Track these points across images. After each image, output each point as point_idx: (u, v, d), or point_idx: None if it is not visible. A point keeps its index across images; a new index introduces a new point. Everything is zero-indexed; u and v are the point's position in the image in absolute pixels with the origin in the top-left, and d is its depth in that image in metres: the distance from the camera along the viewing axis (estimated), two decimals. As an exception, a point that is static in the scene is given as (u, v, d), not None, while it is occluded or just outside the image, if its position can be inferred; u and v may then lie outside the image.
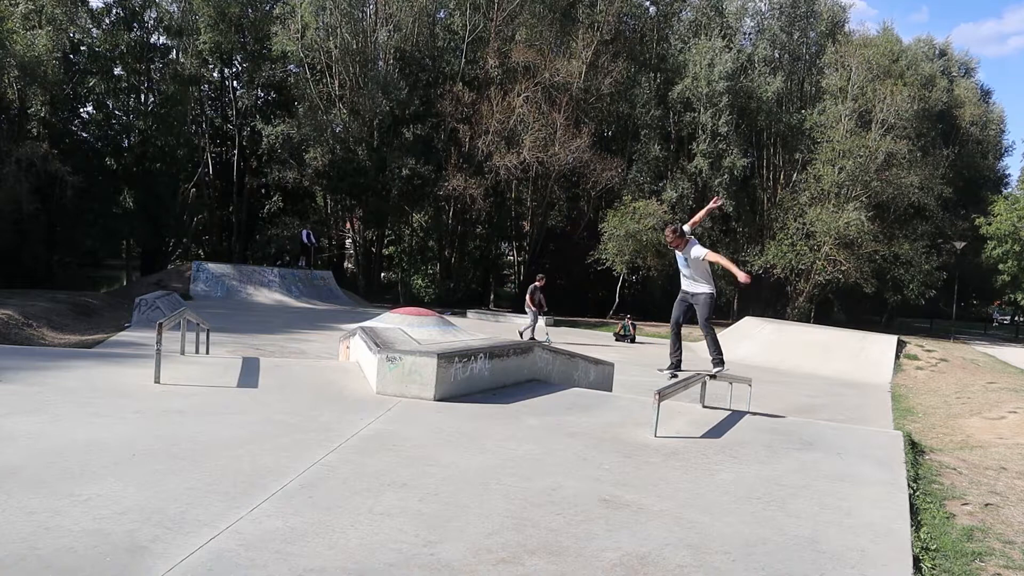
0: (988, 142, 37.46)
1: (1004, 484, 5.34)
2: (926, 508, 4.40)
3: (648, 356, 16.53)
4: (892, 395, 13.55)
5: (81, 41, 28.10)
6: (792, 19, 31.99)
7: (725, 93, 28.25)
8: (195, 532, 3.05)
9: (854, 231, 26.57)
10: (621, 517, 3.63)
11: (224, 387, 6.24)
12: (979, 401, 11.83)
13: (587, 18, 29.34)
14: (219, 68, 32.41)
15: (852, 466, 5.10)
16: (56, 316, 14.20)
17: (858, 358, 16.44)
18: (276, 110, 30.43)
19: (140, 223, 28.91)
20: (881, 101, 27.38)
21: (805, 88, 32.28)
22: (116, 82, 29.34)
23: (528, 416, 5.78)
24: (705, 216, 8.02)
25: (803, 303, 29.11)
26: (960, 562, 3.57)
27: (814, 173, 28.42)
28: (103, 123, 29.78)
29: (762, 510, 3.96)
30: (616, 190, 28.55)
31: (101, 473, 3.71)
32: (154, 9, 29.71)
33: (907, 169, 27.64)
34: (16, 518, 3.08)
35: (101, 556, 2.79)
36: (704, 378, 6.98)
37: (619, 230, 26.07)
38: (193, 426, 4.81)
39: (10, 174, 21.81)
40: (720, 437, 5.71)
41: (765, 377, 12.04)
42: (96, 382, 6.08)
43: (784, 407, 9.99)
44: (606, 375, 9.18)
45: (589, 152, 27.47)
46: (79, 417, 4.83)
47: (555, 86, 27.56)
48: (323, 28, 27.68)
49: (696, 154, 29.12)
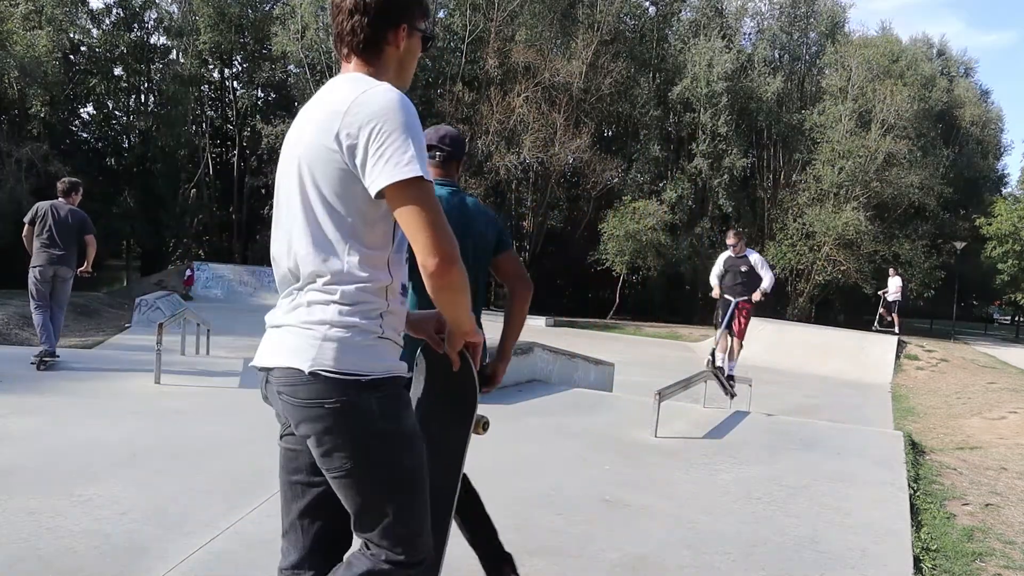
0: (988, 142, 37.45)
1: (1004, 484, 5.33)
2: (926, 508, 4.40)
3: (648, 356, 16.54)
4: (892, 395, 13.54)
5: (81, 41, 28.08)
6: (792, 19, 31.98)
7: (725, 93, 28.24)
8: (195, 532, 3.05)
9: (852, 231, 26.57)
10: (621, 517, 3.63)
11: (224, 387, 6.24)
12: (979, 401, 11.82)
13: (587, 18, 29.34)
14: (219, 68, 32.40)
15: (852, 466, 5.10)
16: (56, 316, 14.17)
17: (858, 358, 16.43)
18: (276, 110, 30.42)
19: (140, 223, 28.88)
20: (881, 101, 27.37)
21: (805, 88, 32.27)
22: (116, 82, 29.33)
23: (529, 416, 5.78)
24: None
25: (803, 303, 29.10)
26: (960, 562, 3.57)
27: (814, 173, 28.41)
28: (103, 123, 29.76)
29: (762, 510, 3.96)
30: (616, 190, 28.54)
31: (101, 473, 3.71)
32: (154, 9, 29.70)
33: (907, 169, 27.62)
34: (17, 518, 3.08)
35: (101, 556, 2.79)
36: (704, 378, 6.99)
37: (619, 230, 26.08)
38: (193, 426, 4.81)
39: (10, 174, 21.81)
40: (720, 437, 5.72)
41: (765, 377, 12.03)
42: (96, 383, 6.08)
43: (784, 407, 9.99)
44: (606, 375, 9.19)
45: (589, 152, 27.47)
46: (79, 417, 4.84)
47: (555, 86, 27.56)
48: (323, 28, 27.66)
49: (696, 154, 29.11)
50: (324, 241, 1.45)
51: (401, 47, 1.58)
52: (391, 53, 1.57)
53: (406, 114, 1.40)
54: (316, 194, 1.45)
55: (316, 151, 1.44)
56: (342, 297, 1.44)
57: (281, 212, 1.55)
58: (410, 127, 1.40)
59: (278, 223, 1.56)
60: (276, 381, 1.48)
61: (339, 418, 1.42)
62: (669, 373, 9.77)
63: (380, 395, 1.45)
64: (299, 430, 1.47)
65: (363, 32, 1.53)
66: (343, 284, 1.44)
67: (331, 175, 1.43)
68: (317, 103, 1.52)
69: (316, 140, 1.44)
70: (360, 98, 1.41)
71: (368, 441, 1.44)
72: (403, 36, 1.57)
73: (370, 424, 1.44)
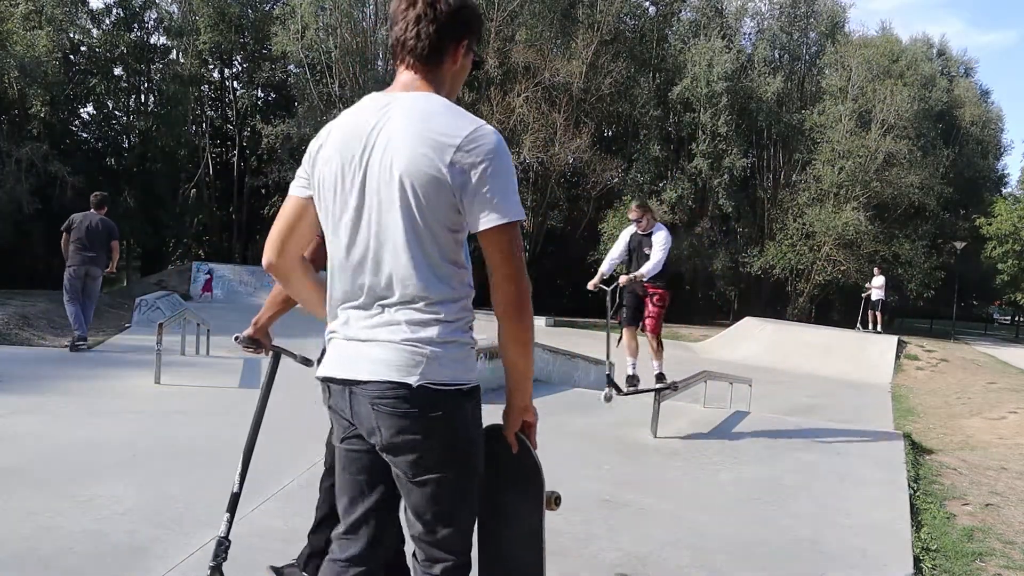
0: (988, 142, 37.44)
1: (1004, 484, 5.33)
2: (926, 508, 4.40)
3: (648, 356, 16.52)
4: (892, 395, 13.54)
5: (81, 41, 28.06)
6: (792, 19, 31.97)
7: (725, 93, 28.23)
8: (195, 532, 3.05)
9: (852, 231, 26.57)
10: (621, 517, 3.63)
11: (224, 387, 6.24)
12: (979, 401, 11.83)
13: (587, 18, 29.33)
14: (219, 68, 32.39)
15: (852, 466, 5.10)
16: (56, 316, 14.18)
17: (858, 358, 16.43)
18: (276, 110, 30.41)
19: (140, 223, 28.86)
20: (881, 101, 27.37)
21: (805, 88, 32.26)
22: (116, 82, 29.30)
23: (528, 416, 5.78)
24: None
25: (803, 303, 29.10)
26: (961, 562, 3.57)
27: (814, 173, 28.40)
28: (103, 123, 29.74)
29: (762, 510, 3.96)
30: (616, 190, 28.52)
31: (102, 473, 3.71)
32: (154, 9, 29.69)
33: (907, 169, 27.61)
34: (17, 518, 3.08)
35: (101, 556, 2.79)
36: (704, 378, 6.98)
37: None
38: (193, 426, 4.81)
39: (10, 174, 21.80)
40: (720, 437, 5.72)
41: (765, 377, 12.03)
42: (96, 383, 6.08)
43: (784, 407, 9.99)
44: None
45: (589, 152, 27.46)
46: (79, 417, 4.84)
47: (555, 86, 27.55)
48: (323, 28, 27.67)
49: (696, 154, 29.10)
50: (427, 262, 1.51)
51: (458, 63, 1.63)
52: (448, 67, 1.62)
53: (509, 158, 1.54)
54: (422, 216, 1.49)
55: (425, 175, 1.47)
56: (445, 315, 1.52)
57: (363, 221, 1.54)
58: (512, 172, 1.53)
59: (353, 229, 1.56)
60: (369, 393, 1.53)
61: (441, 426, 1.52)
62: (669, 373, 9.76)
63: (473, 402, 1.58)
64: (394, 438, 1.53)
65: (428, 39, 1.56)
66: (445, 304, 1.53)
67: (440, 201, 1.49)
68: (407, 118, 1.52)
69: (422, 163, 1.47)
70: (473, 135, 1.50)
71: (463, 446, 1.57)
72: (462, 52, 1.63)
73: (466, 430, 1.57)
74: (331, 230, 1.60)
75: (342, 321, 1.60)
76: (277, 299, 2.41)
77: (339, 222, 1.57)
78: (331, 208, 1.58)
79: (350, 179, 1.55)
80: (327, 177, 1.58)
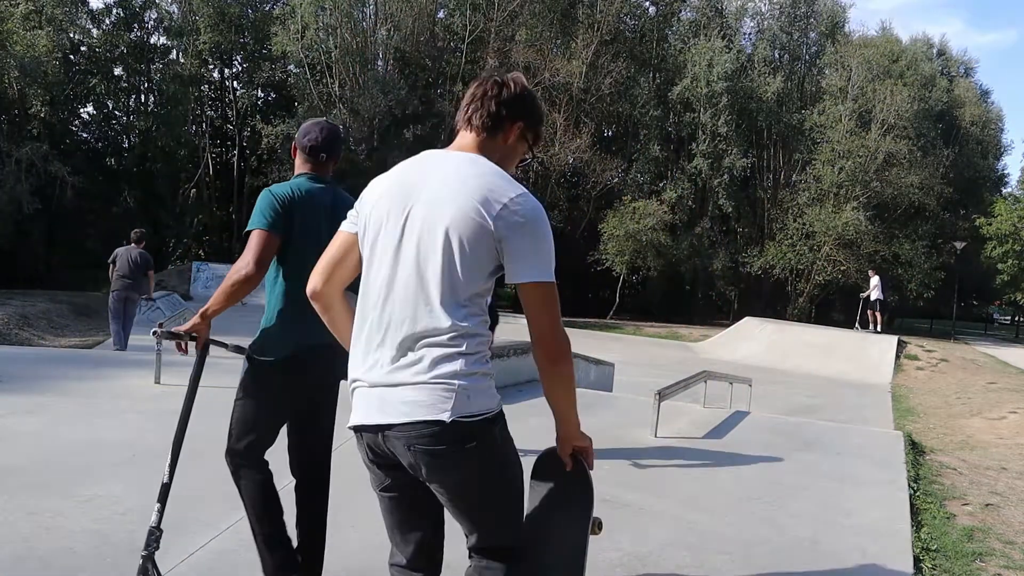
0: (988, 142, 37.43)
1: (1004, 484, 5.34)
2: (926, 508, 4.40)
3: (648, 356, 16.55)
4: (892, 395, 13.55)
5: (81, 41, 28.07)
6: (792, 19, 31.97)
7: (725, 93, 28.23)
8: (195, 532, 3.06)
9: (852, 231, 26.57)
10: (621, 517, 3.63)
11: (225, 387, 6.23)
12: (979, 401, 11.83)
13: (587, 18, 29.33)
14: (219, 68, 32.38)
15: (852, 466, 5.10)
16: (56, 316, 14.23)
17: (858, 358, 16.43)
18: (276, 110, 30.40)
19: (140, 223, 28.83)
20: (881, 101, 27.37)
21: (805, 88, 32.26)
22: (116, 82, 29.31)
23: (529, 416, 5.77)
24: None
25: (803, 303, 29.10)
26: (960, 562, 3.57)
27: (814, 173, 28.40)
28: (103, 123, 29.74)
29: (762, 510, 3.96)
30: (616, 190, 28.51)
31: (101, 474, 3.71)
32: (154, 9, 29.69)
33: (907, 169, 27.60)
34: (17, 518, 3.08)
35: (101, 556, 2.79)
36: (704, 378, 6.97)
37: (619, 230, 26.07)
38: (193, 426, 4.80)
39: (10, 174, 21.80)
40: (720, 437, 5.72)
41: (765, 377, 12.03)
42: (96, 383, 6.08)
43: (784, 407, 10.00)
44: (606, 375, 9.19)
45: (589, 152, 27.46)
46: (79, 418, 4.84)
47: (555, 86, 27.55)
48: (323, 28, 27.67)
49: (696, 154, 29.11)
50: (457, 303, 1.62)
51: (510, 141, 1.81)
52: (500, 141, 1.79)
53: (548, 225, 1.69)
54: (461, 262, 1.61)
55: (472, 227, 1.61)
56: (467, 348, 1.62)
57: (401, 262, 1.66)
58: (551, 238, 1.69)
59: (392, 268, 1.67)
60: (404, 435, 1.62)
61: (477, 455, 1.63)
62: (669, 373, 9.78)
63: (500, 425, 1.69)
64: (435, 472, 1.64)
65: (490, 112, 1.76)
66: (468, 337, 1.62)
67: (481, 249, 1.62)
68: (457, 171, 1.67)
69: (469, 211, 1.61)
70: (520, 198, 1.64)
71: (498, 471, 1.70)
72: (516, 132, 1.80)
73: (497, 453, 1.69)
74: (367, 267, 1.73)
75: (367, 367, 1.68)
76: (228, 292, 2.46)
77: (380, 261, 1.70)
78: (373, 247, 1.71)
79: (395, 221, 1.68)
80: (373, 219, 1.72)
